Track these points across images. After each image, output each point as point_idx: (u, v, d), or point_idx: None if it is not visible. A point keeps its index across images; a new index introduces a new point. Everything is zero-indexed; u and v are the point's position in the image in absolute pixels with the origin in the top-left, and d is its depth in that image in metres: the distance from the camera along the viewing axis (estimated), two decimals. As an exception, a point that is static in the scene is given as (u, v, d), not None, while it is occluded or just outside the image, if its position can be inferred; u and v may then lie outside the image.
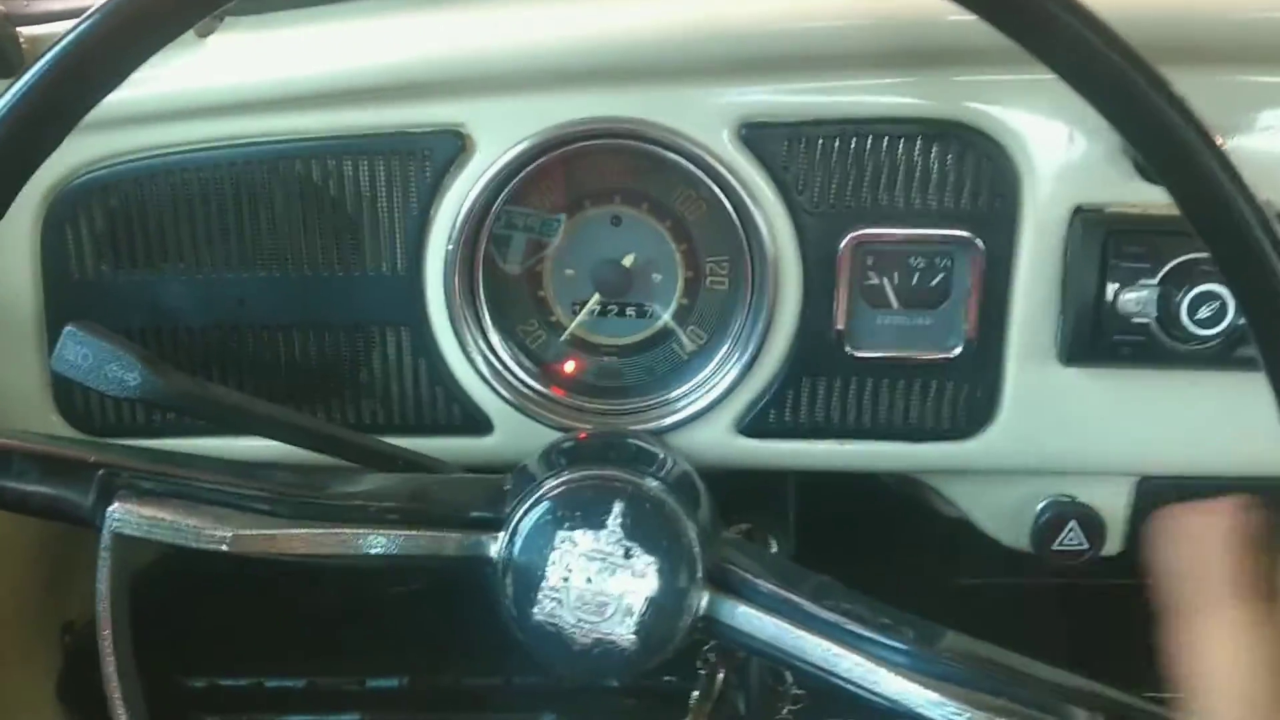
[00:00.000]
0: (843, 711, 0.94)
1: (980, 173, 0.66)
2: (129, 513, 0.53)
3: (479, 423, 0.72)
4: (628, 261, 0.71)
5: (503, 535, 0.54)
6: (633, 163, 0.69)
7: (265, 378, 0.71)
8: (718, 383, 0.70)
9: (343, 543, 0.54)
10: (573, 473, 0.55)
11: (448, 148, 0.67)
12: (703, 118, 0.66)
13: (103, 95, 0.44)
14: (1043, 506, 0.73)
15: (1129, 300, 0.64)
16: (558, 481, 0.54)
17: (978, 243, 0.67)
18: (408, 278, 0.69)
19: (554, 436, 0.70)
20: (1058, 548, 0.73)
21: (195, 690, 0.96)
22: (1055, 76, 0.44)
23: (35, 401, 0.71)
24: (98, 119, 0.46)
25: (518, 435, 0.71)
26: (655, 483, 0.55)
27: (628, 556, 0.53)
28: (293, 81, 0.67)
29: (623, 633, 0.53)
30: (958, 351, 0.69)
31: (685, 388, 0.71)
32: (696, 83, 0.66)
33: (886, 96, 0.66)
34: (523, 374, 0.72)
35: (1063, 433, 0.70)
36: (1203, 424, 0.69)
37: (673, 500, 0.54)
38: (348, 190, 0.68)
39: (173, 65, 0.67)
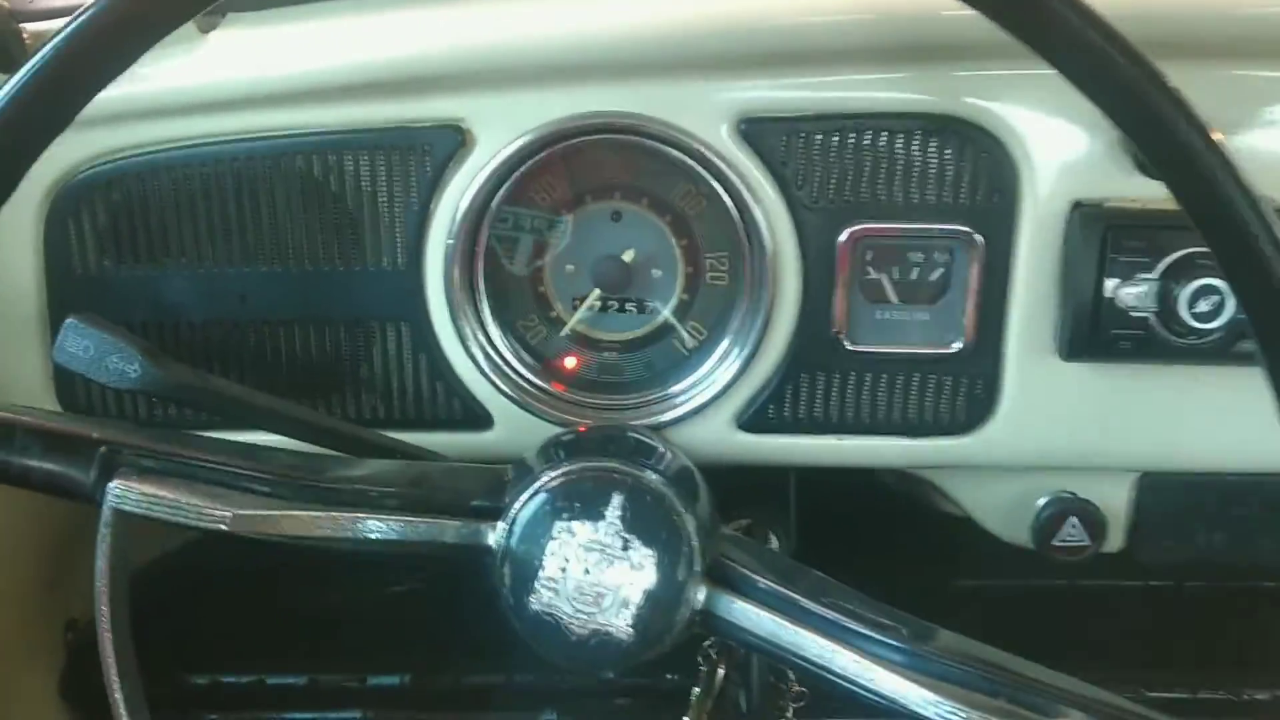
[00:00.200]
0: (846, 711, 0.95)
1: (979, 168, 0.66)
2: (130, 489, 0.53)
3: (479, 418, 0.72)
4: (628, 257, 0.71)
5: (502, 525, 0.54)
6: (633, 158, 0.69)
7: (266, 372, 0.71)
8: (717, 378, 0.70)
9: (341, 526, 0.54)
10: (572, 465, 0.55)
11: (448, 143, 0.67)
12: (702, 113, 0.66)
13: (98, 89, 0.45)
14: (1043, 502, 0.74)
15: (1128, 295, 0.64)
16: (557, 473, 0.54)
17: (977, 238, 0.67)
18: (408, 273, 0.69)
19: (554, 431, 0.70)
20: (1058, 543, 0.73)
21: (197, 687, 0.97)
22: (1054, 71, 0.44)
23: (37, 393, 0.72)
24: (101, 114, 0.46)
25: (518, 430, 0.72)
26: (655, 476, 0.55)
27: (626, 549, 0.53)
28: (294, 77, 0.67)
29: (620, 624, 0.53)
30: (957, 346, 0.69)
31: (685, 383, 0.71)
32: (696, 78, 0.66)
33: (885, 91, 0.66)
34: (523, 369, 0.72)
35: (1063, 428, 0.70)
36: (1203, 419, 0.69)
37: (672, 494, 0.54)
38: (348, 185, 0.68)
39: (175, 61, 0.67)
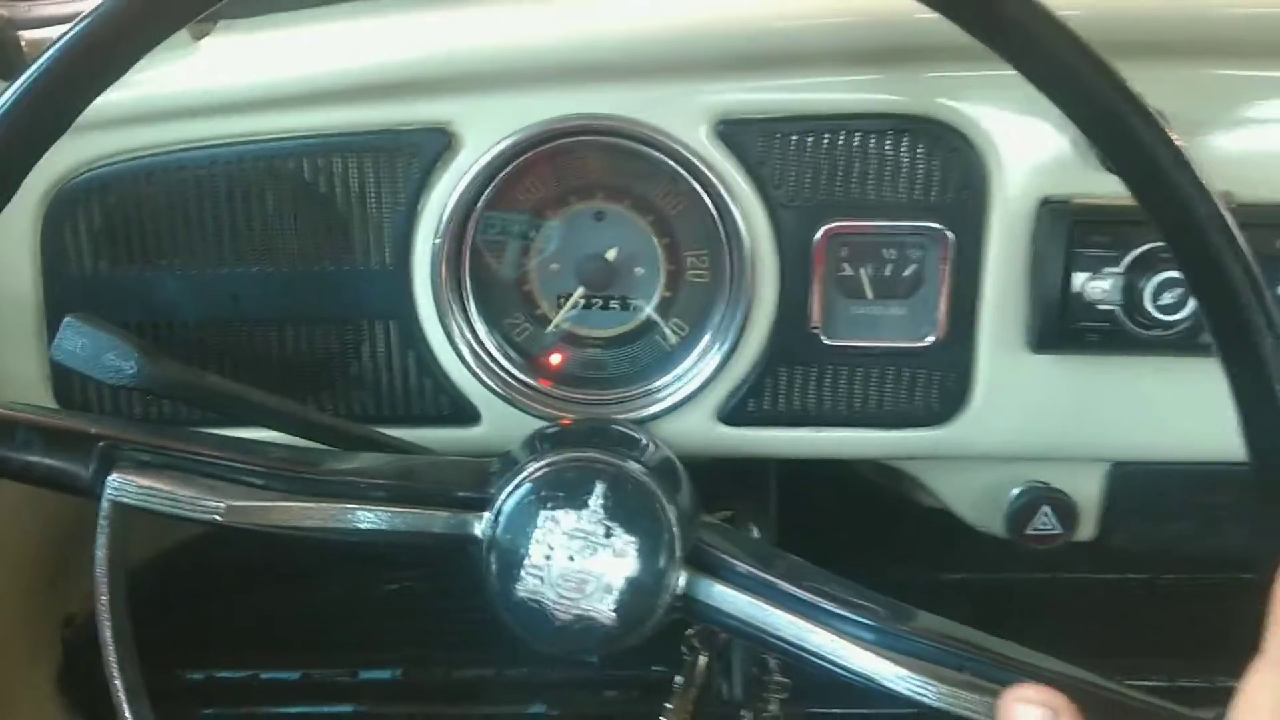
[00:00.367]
0: (828, 701, 0.97)
1: (950, 166, 0.68)
2: (128, 483, 0.54)
3: (466, 413, 0.74)
4: (611, 256, 0.72)
5: (488, 514, 0.55)
6: (615, 159, 0.70)
7: (258, 370, 0.72)
8: (699, 373, 0.72)
9: (332, 517, 0.55)
10: (556, 455, 0.57)
11: (434, 145, 0.69)
12: (681, 115, 0.68)
13: (95, 96, 0.46)
14: (1016, 492, 0.75)
15: (1095, 288, 0.66)
16: (542, 463, 0.56)
17: (948, 234, 0.69)
18: (396, 272, 0.71)
19: (538, 425, 0.72)
20: (1031, 532, 0.75)
21: (192, 683, 0.98)
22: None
23: (34, 392, 0.73)
24: (96, 119, 0.48)
25: (504, 425, 0.73)
26: (637, 466, 0.56)
27: (608, 536, 0.54)
28: (284, 82, 0.69)
29: (603, 609, 0.54)
30: (930, 340, 0.71)
31: (667, 378, 0.73)
32: (675, 81, 0.67)
33: (858, 93, 0.68)
34: (509, 365, 0.73)
35: (1033, 419, 0.72)
36: (1171, 410, 0.71)
37: (653, 482, 0.55)
38: (338, 187, 0.70)
39: (169, 67, 0.69)
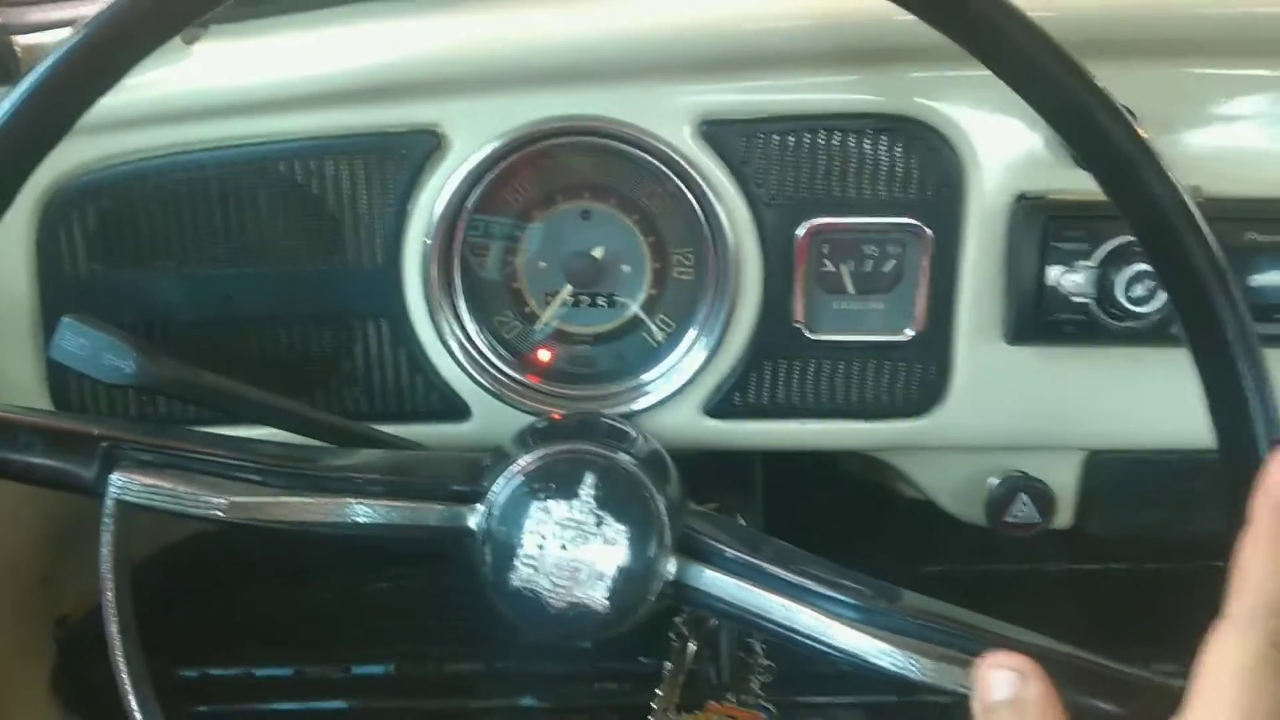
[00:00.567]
0: (814, 688, 0.99)
1: (927, 164, 0.70)
2: (130, 481, 0.55)
3: (457, 409, 0.75)
4: (598, 254, 0.74)
5: (481, 507, 0.57)
6: (600, 159, 0.72)
7: (252, 369, 0.73)
8: (685, 368, 0.73)
9: (330, 512, 0.56)
10: (547, 448, 0.58)
11: (424, 147, 0.70)
12: (665, 115, 0.69)
13: (94, 102, 0.47)
14: (995, 481, 0.77)
15: (1069, 281, 0.68)
16: (533, 456, 0.57)
17: (926, 230, 0.70)
18: (387, 271, 0.72)
19: (528, 421, 0.73)
20: (1010, 520, 0.77)
21: (187, 680, 0.99)
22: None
23: (30, 393, 0.74)
24: (91, 124, 0.49)
25: (495, 421, 0.74)
26: (626, 457, 0.58)
27: (600, 525, 0.56)
28: (275, 86, 0.70)
29: (596, 596, 0.56)
30: (910, 333, 0.72)
31: (654, 373, 0.74)
32: (659, 82, 0.69)
33: (838, 94, 0.69)
34: (499, 362, 0.75)
35: (1011, 409, 0.74)
36: (1145, 399, 0.73)
37: (642, 472, 0.57)
38: (329, 189, 0.71)
39: (161, 71, 0.70)
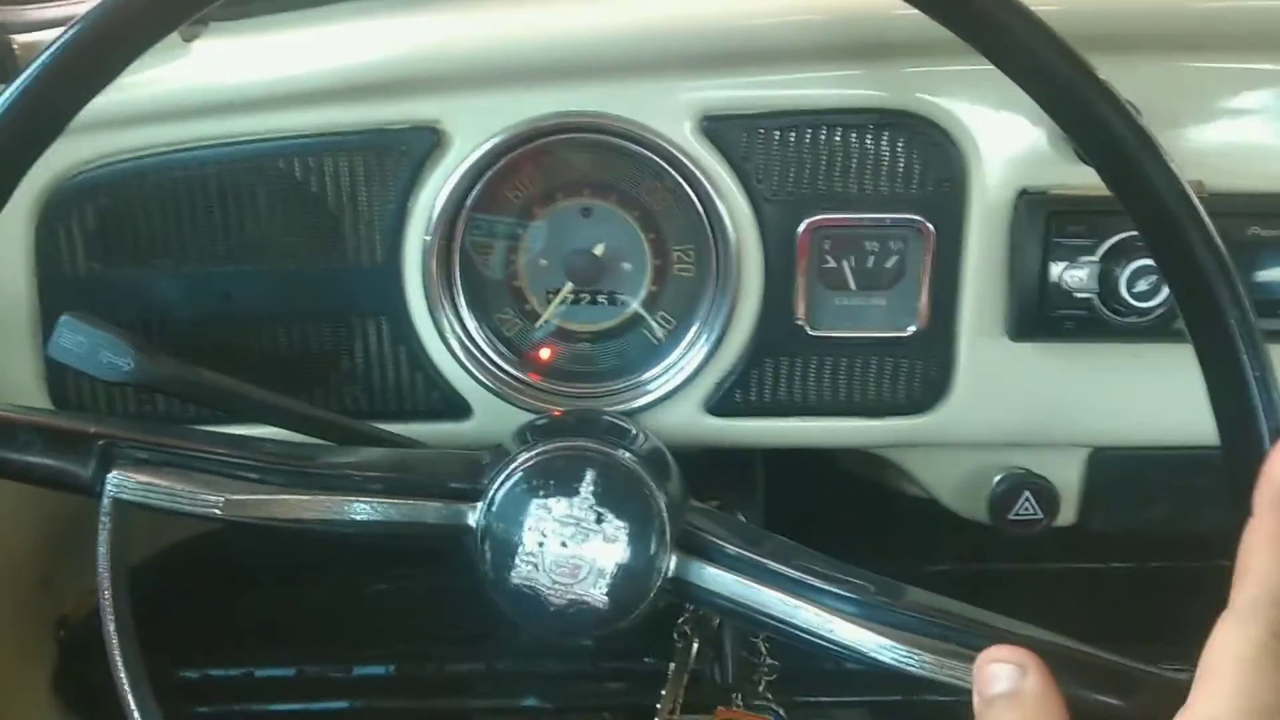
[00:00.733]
0: (817, 689, 0.98)
1: (929, 159, 0.69)
2: (128, 479, 0.55)
3: (458, 407, 0.75)
4: (599, 251, 0.73)
5: (481, 504, 0.56)
6: (601, 156, 0.71)
7: (252, 367, 0.73)
8: (686, 365, 0.73)
9: (329, 509, 0.56)
10: (546, 445, 0.58)
11: (424, 143, 0.70)
12: (666, 111, 0.69)
13: (90, 98, 0.47)
14: (998, 479, 0.77)
15: (1072, 277, 0.67)
16: (533, 453, 0.57)
17: (929, 226, 0.70)
18: (387, 269, 0.72)
19: (528, 418, 0.73)
20: (1013, 517, 0.76)
21: (187, 681, 0.98)
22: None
23: (29, 391, 0.74)
24: (88, 121, 0.49)
25: (495, 419, 0.74)
26: (626, 453, 0.58)
27: (600, 522, 0.56)
28: (274, 82, 0.70)
29: (596, 594, 0.55)
30: (912, 330, 0.72)
31: (655, 370, 0.74)
32: (659, 78, 0.69)
33: (839, 89, 0.69)
34: (499, 360, 0.74)
35: (1014, 406, 0.73)
36: (1148, 395, 0.73)
37: (642, 469, 0.57)
38: (328, 186, 0.71)
39: (160, 69, 0.70)
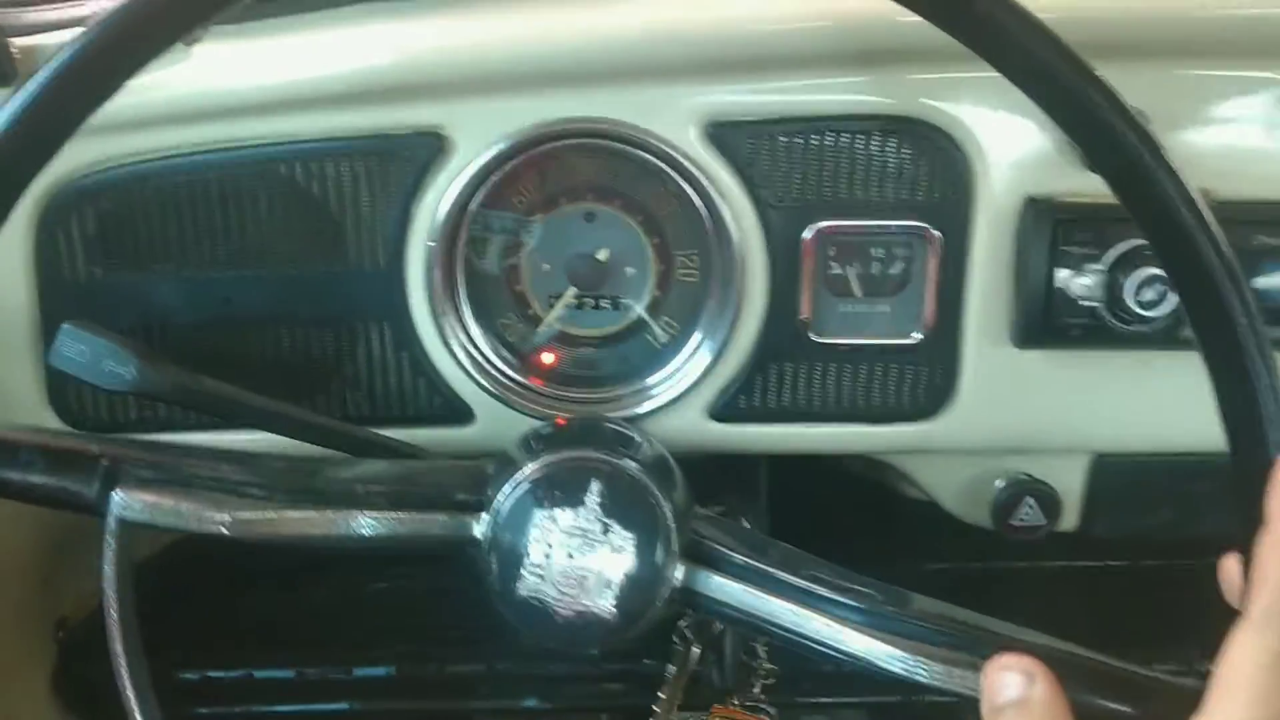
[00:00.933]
0: (815, 690, 0.99)
1: (936, 166, 0.69)
2: (132, 499, 0.55)
3: (460, 413, 0.75)
4: (602, 256, 0.73)
5: (486, 516, 0.56)
6: (605, 161, 0.71)
7: (254, 373, 0.73)
8: (689, 371, 0.73)
9: (334, 525, 0.56)
10: (551, 455, 0.58)
11: (427, 149, 0.69)
12: (671, 118, 0.69)
13: (100, 104, 0.47)
14: (1001, 484, 0.77)
15: (1078, 285, 0.67)
16: (538, 463, 0.57)
17: (934, 233, 0.70)
18: (390, 274, 0.71)
19: (532, 424, 0.73)
20: (1015, 523, 0.76)
21: (187, 683, 0.98)
22: None
23: (30, 399, 0.74)
24: (90, 125, 0.48)
25: (498, 424, 0.74)
26: (631, 463, 0.58)
27: (606, 532, 0.56)
28: (277, 87, 0.69)
29: (604, 605, 0.55)
30: (917, 337, 0.72)
31: (659, 376, 0.74)
32: (664, 84, 0.68)
33: (845, 95, 0.69)
34: (502, 365, 0.74)
35: (1018, 412, 0.73)
36: (1152, 402, 0.73)
37: (647, 478, 0.57)
38: (331, 191, 0.70)
39: (161, 73, 0.69)
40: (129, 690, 0.55)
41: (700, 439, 0.74)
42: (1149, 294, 0.67)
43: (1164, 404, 0.72)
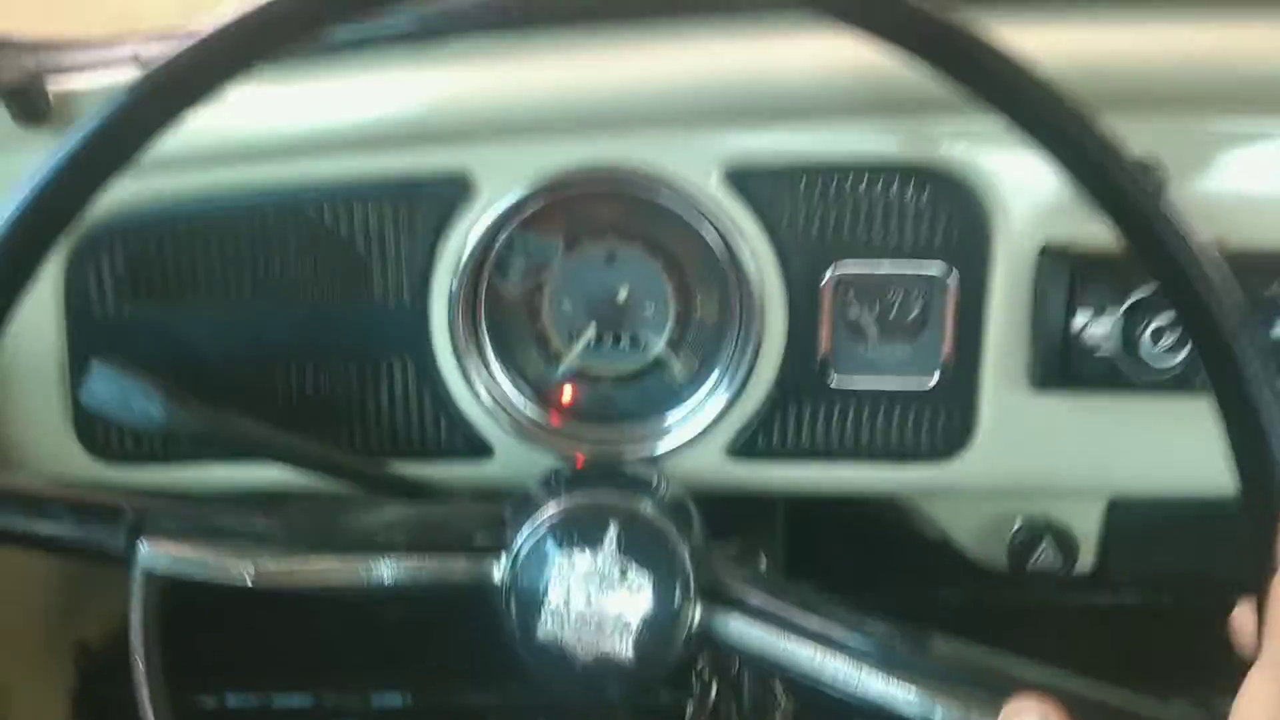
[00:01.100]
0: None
1: (954, 213, 0.70)
2: (158, 551, 0.56)
3: (480, 448, 0.75)
4: (622, 295, 0.74)
5: (505, 559, 0.57)
6: (627, 203, 0.72)
7: (279, 407, 0.74)
8: (708, 409, 0.74)
9: (355, 572, 0.57)
10: (569, 499, 0.58)
11: (452, 192, 0.71)
12: (693, 162, 0.69)
13: (153, 141, 0.48)
14: (1018, 526, 0.77)
15: (1094, 330, 0.68)
16: (556, 506, 0.58)
17: (952, 278, 0.70)
18: (414, 313, 0.72)
19: (551, 461, 0.74)
20: (1032, 566, 0.77)
21: (204, 710, 0.99)
22: None
23: (58, 433, 0.75)
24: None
25: (517, 460, 0.75)
26: (649, 505, 0.58)
27: (624, 575, 0.56)
28: (307, 131, 0.71)
29: (622, 649, 0.56)
30: (935, 379, 0.72)
31: (678, 414, 0.75)
32: (687, 129, 0.69)
33: (864, 143, 0.70)
34: (522, 402, 0.75)
35: (1035, 455, 0.74)
36: (1167, 446, 0.73)
37: (664, 521, 0.57)
38: (358, 232, 0.71)
39: (192, 116, 0.70)
40: None
41: (718, 477, 0.75)
42: (1165, 341, 0.67)
43: (1181, 447, 0.72)
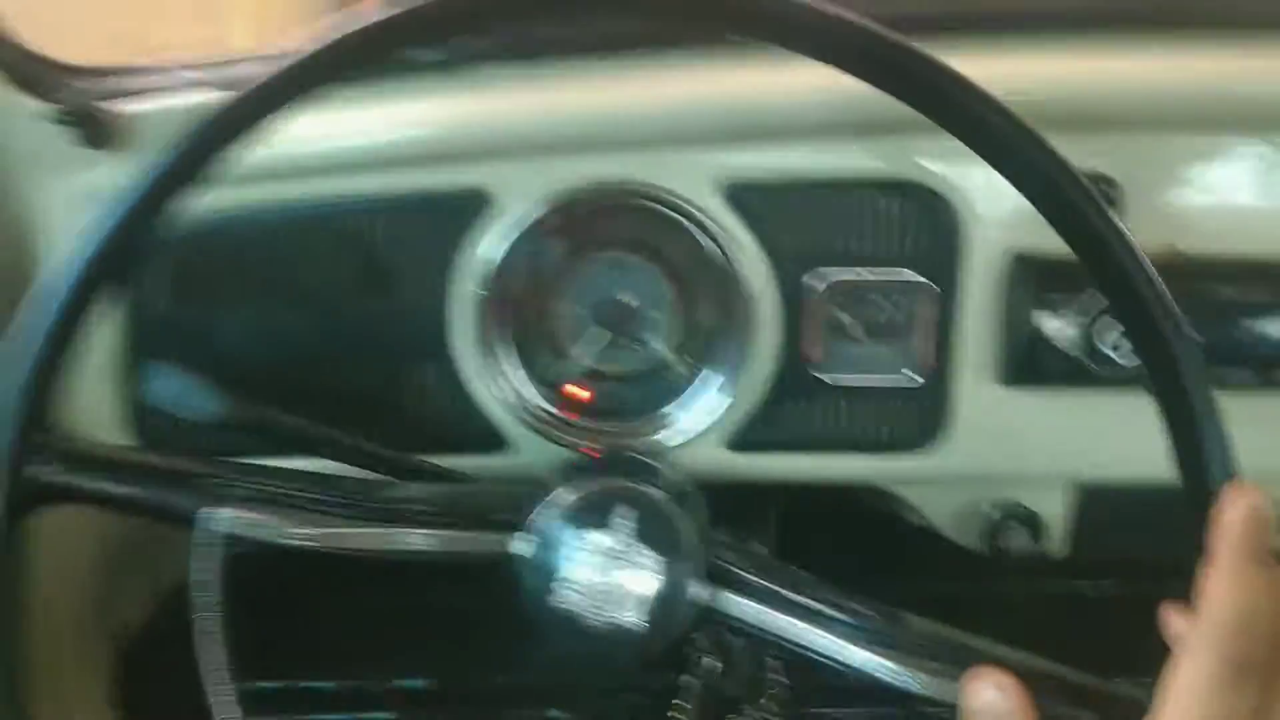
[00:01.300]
0: (820, 700, 1.04)
1: (930, 224, 0.76)
2: (224, 514, 0.61)
3: (498, 442, 0.81)
4: (629, 301, 0.79)
5: (526, 535, 0.62)
6: (633, 217, 0.78)
7: (312, 404, 0.78)
8: (709, 405, 0.79)
9: (391, 540, 0.62)
10: (588, 483, 0.63)
11: (472, 207, 0.76)
12: (693, 179, 0.76)
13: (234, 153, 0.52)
14: (991, 511, 0.83)
15: (1058, 331, 0.74)
16: (572, 490, 0.62)
17: (930, 284, 0.77)
18: (437, 318, 0.78)
19: (566, 454, 0.79)
20: (1004, 546, 0.82)
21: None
22: None
23: (116, 427, 0.80)
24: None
25: (533, 453, 0.80)
26: (658, 491, 0.63)
27: (635, 554, 0.61)
28: (343, 151, 0.77)
29: (633, 620, 0.60)
30: (914, 377, 0.78)
31: (681, 410, 0.80)
32: (689, 149, 0.76)
33: (848, 160, 0.76)
34: (536, 400, 0.80)
35: (1006, 445, 0.80)
36: (1130, 435, 0.76)
37: (673, 505, 0.62)
38: (387, 243, 0.77)
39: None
40: (226, 695, 0.61)
41: (719, 469, 0.80)
42: (1122, 340, 0.73)
43: (1141, 437, 0.73)
